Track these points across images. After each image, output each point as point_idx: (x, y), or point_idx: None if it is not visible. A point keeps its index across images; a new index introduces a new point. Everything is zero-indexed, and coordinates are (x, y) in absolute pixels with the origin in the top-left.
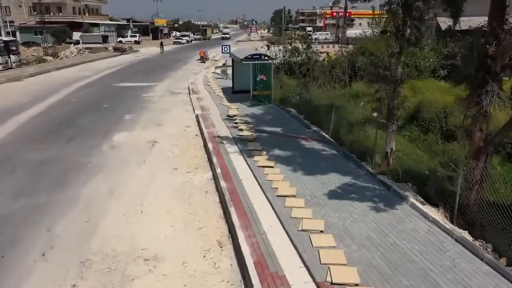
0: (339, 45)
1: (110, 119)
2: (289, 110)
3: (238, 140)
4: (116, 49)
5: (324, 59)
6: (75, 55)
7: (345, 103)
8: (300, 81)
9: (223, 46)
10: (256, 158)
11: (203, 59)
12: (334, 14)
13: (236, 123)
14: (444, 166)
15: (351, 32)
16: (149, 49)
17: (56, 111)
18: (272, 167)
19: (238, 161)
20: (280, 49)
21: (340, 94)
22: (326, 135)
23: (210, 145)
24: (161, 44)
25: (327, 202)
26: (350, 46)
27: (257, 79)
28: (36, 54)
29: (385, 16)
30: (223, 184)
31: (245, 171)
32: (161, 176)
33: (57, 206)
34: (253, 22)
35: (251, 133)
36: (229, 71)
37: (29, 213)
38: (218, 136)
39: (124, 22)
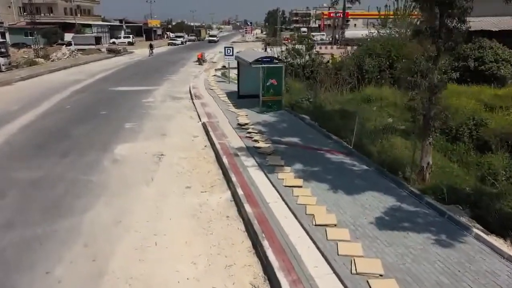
0: (337, 46)
1: (109, 128)
2: (303, 117)
3: (255, 153)
4: (110, 50)
5: (328, 61)
6: (67, 57)
7: (357, 108)
8: (307, 84)
9: (226, 48)
10: (280, 175)
11: (200, 61)
12: (332, 14)
13: (249, 132)
14: (483, 181)
15: (350, 33)
16: (143, 50)
17: (48, 120)
18: (300, 186)
19: (259, 179)
20: (281, 51)
21: (350, 98)
22: (348, 146)
23: (224, 159)
24: (151, 46)
25: (376, 233)
26: (349, 47)
27: (267, 84)
28: (26, 56)
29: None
30: (248, 209)
31: (271, 192)
32: (173, 198)
33: (56, 240)
34: (248, 23)
35: (267, 144)
36: (231, 73)
37: (22, 250)
38: (232, 148)
39: (117, 23)
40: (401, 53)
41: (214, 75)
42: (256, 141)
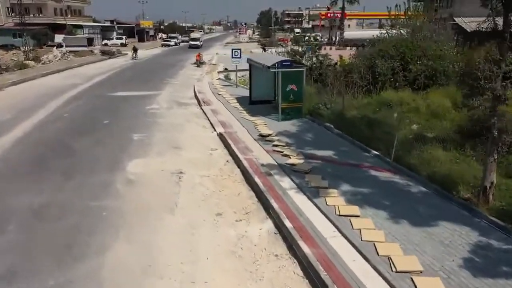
0: (336, 47)
1: (115, 140)
2: (329, 126)
3: (290, 171)
4: (103, 52)
5: (336, 63)
6: (59, 59)
7: (377, 114)
8: (316, 87)
9: (234, 50)
10: (328, 200)
11: (199, 63)
12: (329, 15)
13: (275, 145)
14: None
15: (349, 34)
16: (138, 52)
17: (46, 131)
18: (358, 216)
19: (305, 205)
20: (280, 52)
21: (366, 103)
22: (391, 161)
23: (256, 179)
24: (134, 50)
25: (476, 283)
26: (348, 48)
27: (287, 90)
28: (16, 59)
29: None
30: (305, 248)
31: (324, 223)
32: (204, 229)
33: None
34: (242, 23)
35: (300, 160)
36: (232, 77)
37: None
38: (261, 165)
39: (108, 24)
40: (416, 55)
41: (219, 79)
42: (286, 156)
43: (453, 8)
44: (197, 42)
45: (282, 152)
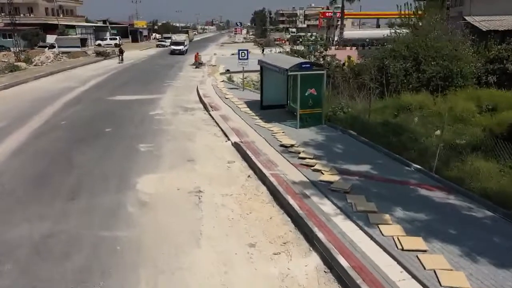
0: (336, 46)
1: (121, 151)
2: (354, 134)
3: (326, 190)
4: (98, 53)
5: (344, 64)
6: (52, 60)
7: (395, 118)
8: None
9: (240, 51)
10: (384, 229)
11: (197, 64)
12: (328, 14)
13: (301, 158)
14: None
15: (349, 33)
16: (132, 52)
17: (44, 141)
18: (425, 250)
19: (356, 235)
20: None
21: (382, 106)
22: (440, 178)
23: (291, 201)
24: (120, 52)
25: None
26: (348, 48)
27: (306, 94)
28: (6, 60)
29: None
30: None
31: (386, 260)
32: (240, 267)
33: None
34: (238, 23)
35: (336, 176)
36: (235, 78)
37: None
38: (292, 183)
39: (101, 24)
40: (430, 55)
41: (223, 81)
42: (318, 171)
43: (463, 7)
44: (181, 47)
45: (312, 166)
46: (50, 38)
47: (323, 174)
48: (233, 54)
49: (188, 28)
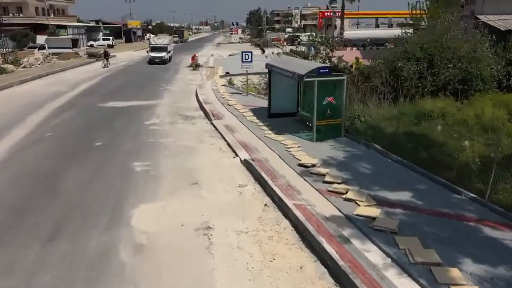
0: (336, 47)
1: (112, 171)
2: (382, 150)
3: (367, 228)
4: (90, 55)
5: (351, 66)
6: (41, 62)
7: (415, 126)
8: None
9: (244, 53)
10: None
11: (195, 66)
12: (327, 14)
13: (328, 182)
14: None
15: (350, 33)
16: (126, 53)
17: (24, 159)
18: None
19: None
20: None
21: (398, 113)
22: (499, 208)
23: (326, 246)
24: (106, 55)
25: None
26: (349, 48)
27: (323, 103)
28: None
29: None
30: None
31: None
32: None
33: None
34: (234, 23)
35: (373, 207)
36: (236, 81)
37: None
38: (323, 218)
39: (94, 24)
40: (446, 57)
41: (223, 85)
42: (351, 200)
43: (475, 6)
44: (162, 54)
45: (342, 193)
46: (40, 39)
47: (359, 205)
48: (230, 55)
49: (182, 28)
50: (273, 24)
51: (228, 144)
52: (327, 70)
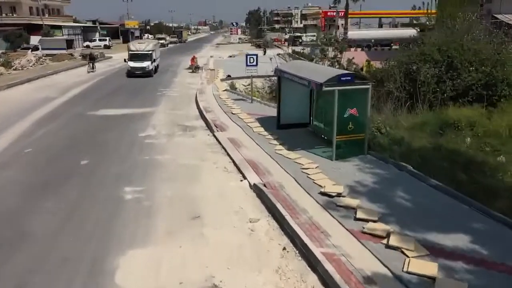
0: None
1: (97, 202)
2: (419, 174)
3: None
4: (84, 56)
5: (362, 69)
6: (34, 64)
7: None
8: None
9: (249, 57)
10: None
11: (194, 68)
12: (330, 14)
13: (361, 219)
14: None
15: (355, 33)
16: (123, 55)
17: None
18: None
19: None
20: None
21: (420, 122)
22: None
23: None
24: (91, 58)
25: None
26: (353, 49)
27: (345, 116)
28: None
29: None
30: None
31: None
32: None
33: None
34: (234, 23)
35: (426, 259)
36: (238, 85)
37: None
38: (366, 279)
39: (91, 24)
40: (467, 60)
41: (225, 90)
42: (396, 248)
43: (491, 4)
44: (145, 64)
45: (382, 237)
46: (34, 40)
47: (407, 255)
48: (230, 56)
49: (181, 28)
50: (273, 24)
51: (234, 163)
52: (350, 78)
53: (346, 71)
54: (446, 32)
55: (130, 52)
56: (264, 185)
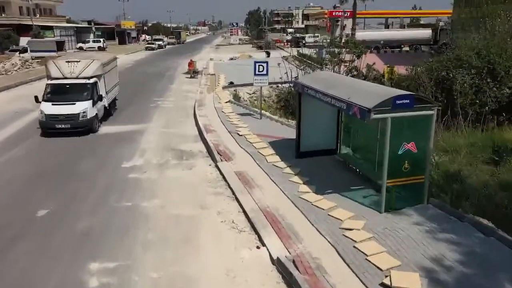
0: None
1: None
2: (502, 236)
3: None
4: None
5: (382, 75)
6: (19, 68)
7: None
8: None
9: (257, 64)
10: None
11: (192, 72)
12: (336, 14)
13: None
14: None
15: (363, 34)
16: (118, 57)
17: None
18: None
19: None
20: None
21: (467, 144)
22: None
23: None
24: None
25: None
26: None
27: (399, 153)
28: None
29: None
30: None
31: None
32: None
33: None
34: (234, 23)
35: None
36: (242, 94)
37: None
38: None
39: (85, 25)
40: (510, 66)
41: (229, 101)
42: None
43: None
44: (77, 108)
45: None
46: (24, 41)
47: None
48: (231, 59)
49: (180, 28)
50: (273, 24)
51: (245, 213)
52: (408, 101)
53: (403, 92)
54: (485, 34)
55: (49, 82)
56: (293, 262)
